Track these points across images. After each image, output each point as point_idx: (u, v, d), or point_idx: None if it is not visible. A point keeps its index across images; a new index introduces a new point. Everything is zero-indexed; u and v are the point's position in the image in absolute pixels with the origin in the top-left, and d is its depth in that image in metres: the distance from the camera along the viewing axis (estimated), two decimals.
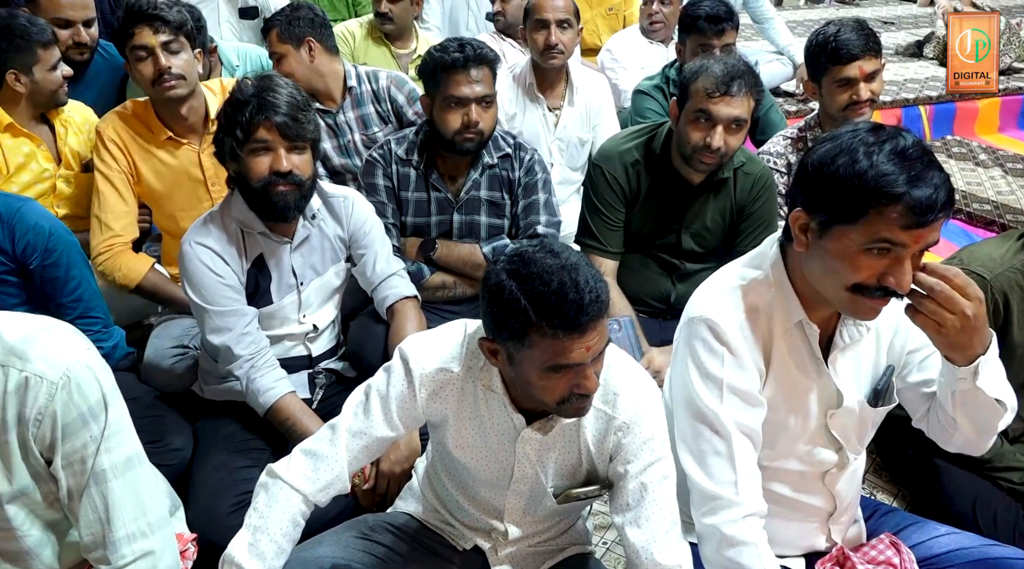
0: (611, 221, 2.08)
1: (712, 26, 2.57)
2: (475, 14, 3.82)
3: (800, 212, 1.14)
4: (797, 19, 5.59)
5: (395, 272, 1.89)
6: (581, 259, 1.13)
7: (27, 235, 1.69)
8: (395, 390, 1.26)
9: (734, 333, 1.20)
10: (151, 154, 2.14)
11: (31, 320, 1.14)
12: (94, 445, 1.12)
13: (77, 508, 1.14)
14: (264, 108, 1.57)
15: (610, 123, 2.78)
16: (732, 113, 1.85)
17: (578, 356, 1.11)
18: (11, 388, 1.07)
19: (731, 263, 1.31)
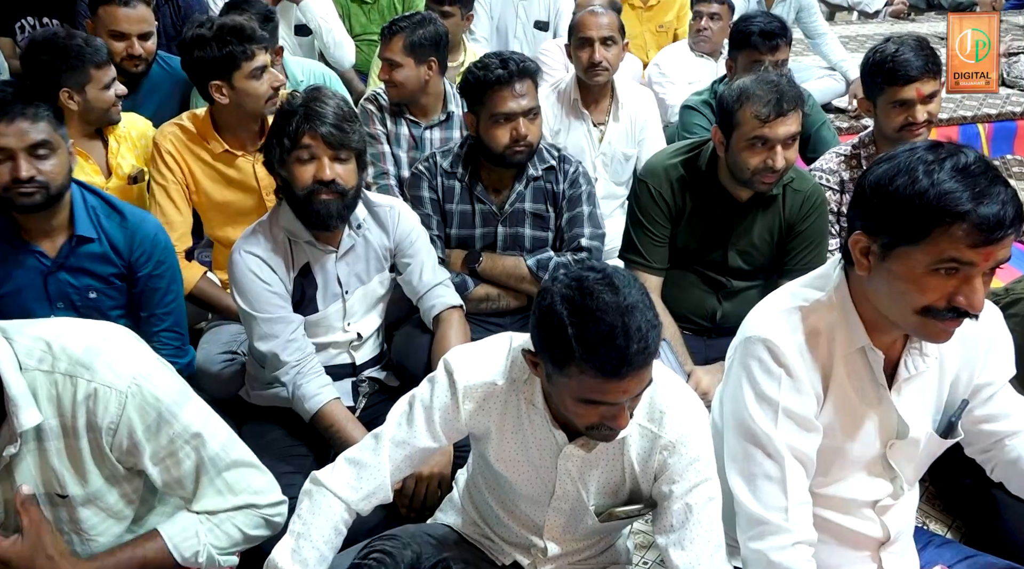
0: (656, 237, 2.06)
1: (766, 42, 2.54)
2: (523, 23, 3.83)
3: (860, 235, 1.11)
4: (850, 34, 5.48)
5: (441, 281, 1.92)
6: (641, 299, 1.09)
7: (144, 244, 1.79)
8: (438, 401, 1.27)
9: (793, 355, 1.17)
10: (208, 165, 2.21)
11: (91, 329, 1.19)
12: (182, 440, 1.18)
13: (191, 494, 1.22)
14: (310, 118, 1.61)
15: (656, 138, 2.77)
16: (788, 131, 1.83)
17: (613, 397, 1.10)
18: (80, 398, 1.12)
19: (792, 282, 1.29)
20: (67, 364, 1.12)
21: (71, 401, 1.12)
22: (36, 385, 1.11)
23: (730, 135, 1.87)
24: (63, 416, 1.13)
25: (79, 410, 1.12)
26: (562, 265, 2.10)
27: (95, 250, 1.75)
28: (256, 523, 1.26)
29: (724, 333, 2.11)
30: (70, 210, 1.72)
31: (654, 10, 3.88)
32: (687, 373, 1.95)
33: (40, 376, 1.11)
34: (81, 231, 1.72)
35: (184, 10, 3.19)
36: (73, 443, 1.15)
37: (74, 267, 1.74)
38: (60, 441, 1.14)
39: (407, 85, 2.47)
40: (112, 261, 1.77)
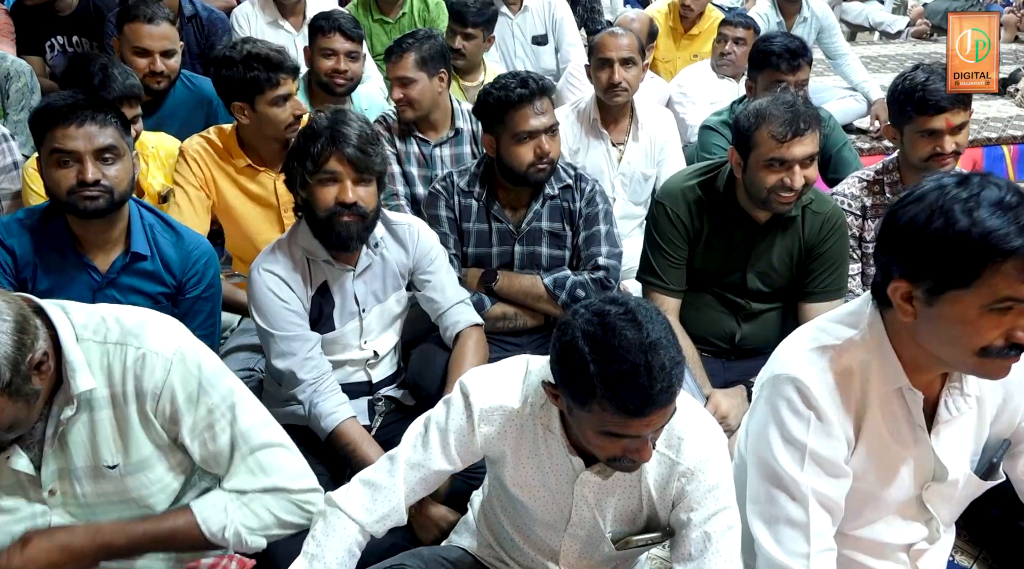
0: (674, 259, 2.04)
1: (787, 62, 2.53)
2: (521, 41, 3.83)
3: (900, 281, 1.07)
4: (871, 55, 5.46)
5: (463, 300, 1.93)
6: (664, 335, 1.07)
7: (198, 265, 1.81)
8: (454, 423, 1.26)
9: (824, 397, 1.14)
10: (230, 178, 2.24)
11: (143, 309, 1.30)
12: (219, 412, 1.23)
13: (225, 472, 1.25)
14: (336, 140, 1.62)
15: (675, 159, 2.76)
16: (806, 151, 1.82)
17: (636, 431, 1.08)
18: (129, 363, 1.19)
19: (821, 318, 1.25)
20: (118, 333, 1.20)
21: (121, 368, 1.19)
22: (90, 356, 1.18)
23: (747, 156, 1.86)
24: (113, 385, 1.19)
25: (128, 376, 1.19)
26: (579, 284, 2.09)
27: (147, 268, 1.76)
28: (288, 508, 1.27)
29: (743, 355, 2.09)
30: (127, 225, 1.73)
31: (694, 39, 3.87)
32: (706, 396, 1.93)
33: (94, 347, 1.18)
34: (136, 247, 1.73)
35: (208, 29, 3.24)
36: (122, 412, 1.20)
37: (124, 284, 1.75)
38: (110, 410, 1.20)
39: (423, 100, 2.49)
40: (163, 280, 1.78)
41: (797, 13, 3.85)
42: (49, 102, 1.65)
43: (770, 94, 1.95)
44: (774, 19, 3.83)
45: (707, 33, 3.84)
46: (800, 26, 3.87)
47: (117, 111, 1.68)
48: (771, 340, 2.10)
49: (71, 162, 1.60)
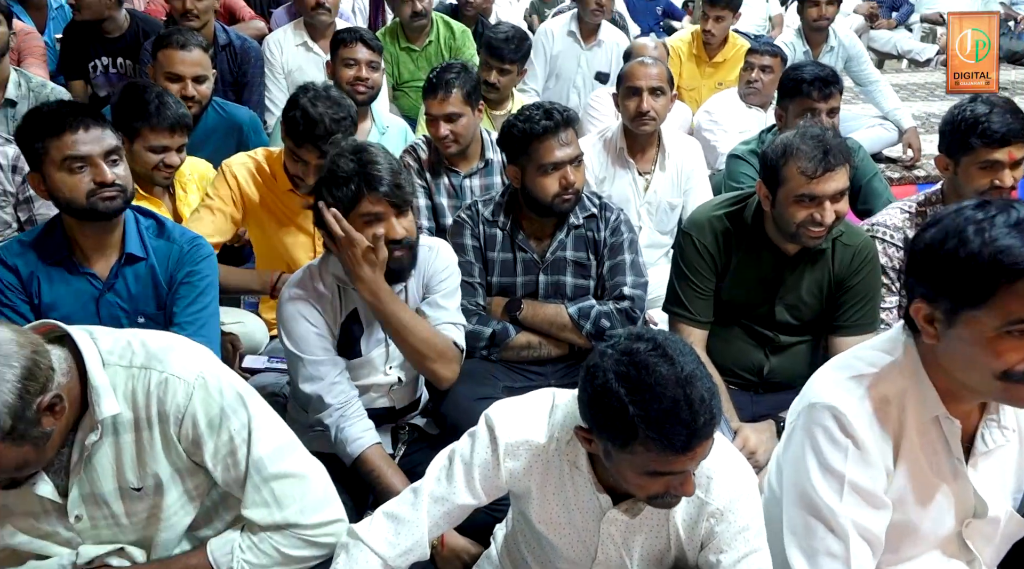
0: (701, 290, 2.02)
1: (818, 89, 2.49)
2: (584, 73, 3.86)
3: (920, 303, 1.07)
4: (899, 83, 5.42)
5: (453, 323, 1.85)
6: (697, 366, 1.06)
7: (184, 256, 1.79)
8: (479, 457, 1.24)
9: (861, 425, 1.12)
10: (270, 200, 2.25)
11: (170, 334, 1.33)
12: (240, 439, 1.23)
13: (243, 496, 1.25)
14: (369, 183, 1.61)
15: (702, 188, 2.74)
16: (837, 187, 1.79)
17: (681, 467, 1.07)
18: (152, 388, 1.19)
19: (858, 346, 1.24)
20: (143, 358, 1.20)
21: (145, 392, 1.19)
22: (115, 380, 1.18)
23: (775, 190, 1.83)
24: (137, 409, 1.20)
25: (151, 400, 1.19)
26: (604, 314, 2.07)
27: (143, 270, 1.77)
28: (297, 545, 1.26)
29: (772, 388, 2.05)
30: (123, 229, 1.75)
31: (719, 67, 3.88)
32: (733, 431, 1.89)
33: (120, 371, 1.19)
34: (130, 249, 1.74)
35: (241, 57, 3.31)
36: (145, 435, 1.21)
37: (124, 289, 1.76)
38: (133, 433, 1.20)
39: (467, 134, 2.51)
40: (159, 281, 1.78)
41: (824, 42, 3.84)
42: (41, 112, 1.67)
43: (800, 123, 1.92)
44: (800, 48, 3.83)
45: (732, 61, 3.84)
46: (827, 55, 3.86)
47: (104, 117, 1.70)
48: (800, 373, 2.06)
49: (85, 166, 1.62)
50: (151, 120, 2.15)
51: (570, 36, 3.83)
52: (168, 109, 2.17)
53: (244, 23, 3.93)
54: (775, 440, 1.85)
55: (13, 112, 2.81)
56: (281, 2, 4.33)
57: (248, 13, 4.06)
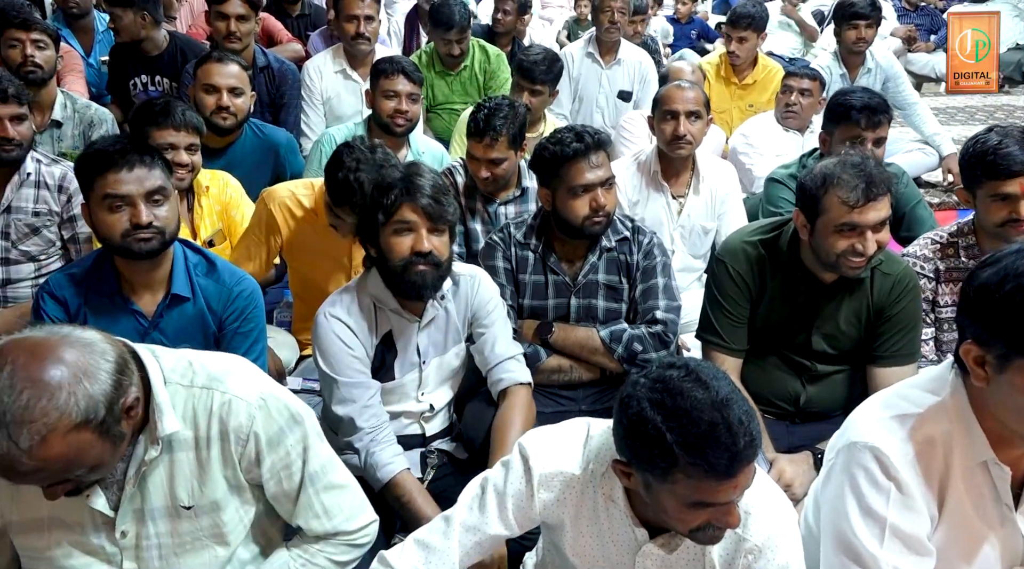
0: (735, 317, 1.98)
1: (866, 117, 2.42)
2: (607, 92, 3.88)
3: (971, 344, 1.04)
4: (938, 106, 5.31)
5: (513, 356, 1.89)
6: (733, 391, 1.05)
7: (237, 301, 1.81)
8: (512, 488, 1.23)
9: (905, 468, 1.08)
10: (309, 233, 2.26)
11: (228, 355, 1.34)
12: (295, 453, 1.28)
13: (292, 509, 1.31)
14: (410, 190, 1.64)
15: (736, 212, 2.72)
16: (879, 217, 1.75)
17: (725, 496, 1.04)
18: (215, 408, 1.22)
19: (902, 383, 1.20)
20: (205, 378, 1.23)
21: (207, 412, 1.22)
22: (175, 398, 1.21)
23: (814, 220, 1.79)
24: (197, 427, 1.22)
25: (213, 419, 1.22)
26: (636, 338, 2.05)
27: (189, 310, 1.77)
28: (345, 550, 1.35)
29: (808, 418, 2.00)
30: (171, 266, 1.76)
31: (748, 89, 3.87)
32: (769, 462, 1.85)
33: (180, 390, 1.21)
34: (176, 289, 1.75)
35: (279, 79, 3.38)
36: (203, 454, 1.23)
37: (169, 328, 1.77)
38: (192, 452, 1.23)
39: (507, 175, 2.53)
40: (207, 321, 1.79)
41: (860, 65, 3.80)
42: (96, 148, 1.69)
43: (841, 151, 1.89)
44: (837, 71, 3.79)
45: (762, 83, 3.83)
46: (864, 77, 3.81)
47: (160, 155, 1.73)
48: (838, 403, 2.03)
49: (123, 206, 1.64)
50: (156, 119, 2.20)
51: (588, 57, 3.86)
52: (174, 110, 2.22)
53: (282, 46, 4.01)
54: (813, 472, 1.81)
55: (59, 133, 2.89)
56: (318, 25, 4.41)
57: (286, 36, 4.14)
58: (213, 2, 3.25)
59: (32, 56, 2.79)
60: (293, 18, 4.54)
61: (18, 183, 2.33)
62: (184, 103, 2.32)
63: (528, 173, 2.59)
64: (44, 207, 2.37)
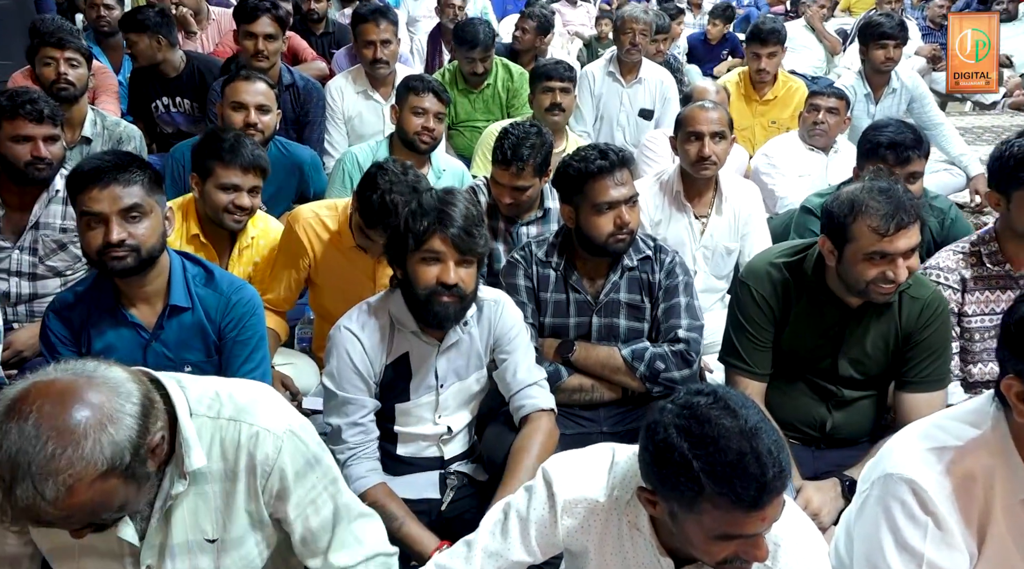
0: (758, 341, 1.95)
1: (895, 154, 2.36)
2: (628, 111, 3.88)
3: (1013, 379, 1.02)
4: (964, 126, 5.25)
5: (535, 382, 1.87)
6: (762, 420, 1.03)
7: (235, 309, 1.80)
8: (535, 513, 1.21)
9: (943, 502, 1.06)
10: (333, 254, 2.27)
11: (249, 384, 1.32)
12: (321, 486, 1.28)
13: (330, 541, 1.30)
14: (441, 220, 1.64)
15: (760, 233, 2.69)
16: (909, 244, 1.71)
17: (752, 528, 1.02)
18: (243, 441, 1.21)
19: (940, 414, 1.18)
20: (232, 410, 1.22)
21: (235, 444, 1.21)
22: (202, 431, 1.20)
23: (843, 247, 1.76)
24: (226, 460, 1.21)
25: (241, 452, 1.21)
26: (659, 356, 2.03)
27: (188, 320, 1.77)
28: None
29: (834, 444, 1.97)
30: (168, 277, 1.75)
31: (770, 105, 3.85)
32: (796, 489, 1.81)
33: (207, 422, 1.20)
34: (174, 300, 1.74)
35: (304, 97, 3.41)
36: (231, 486, 1.22)
37: (170, 339, 1.77)
38: (220, 484, 1.22)
39: (531, 201, 2.54)
40: (207, 330, 1.79)
41: (885, 85, 3.77)
42: (78, 166, 1.70)
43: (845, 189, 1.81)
44: (861, 91, 3.76)
45: (783, 99, 3.81)
46: (888, 97, 3.78)
47: (147, 168, 1.70)
48: (864, 429, 2.00)
49: (98, 223, 1.63)
50: (224, 157, 2.17)
51: (609, 76, 3.87)
52: (243, 148, 2.19)
53: (306, 64, 4.06)
54: (840, 500, 1.77)
55: (88, 150, 2.93)
56: (342, 44, 4.46)
57: (311, 54, 4.20)
58: (242, 21, 3.29)
59: (65, 74, 2.84)
60: (317, 36, 4.61)
61: (47, 200, 2.37)
62: (249, 140, 2.28)
63: (551, 194, 2.59)
64: (71, 223, 2.40)
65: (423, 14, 5.73)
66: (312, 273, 2.31)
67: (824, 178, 3.23)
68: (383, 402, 1.78)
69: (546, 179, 2.53)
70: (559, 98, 3.20)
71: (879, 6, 6.11)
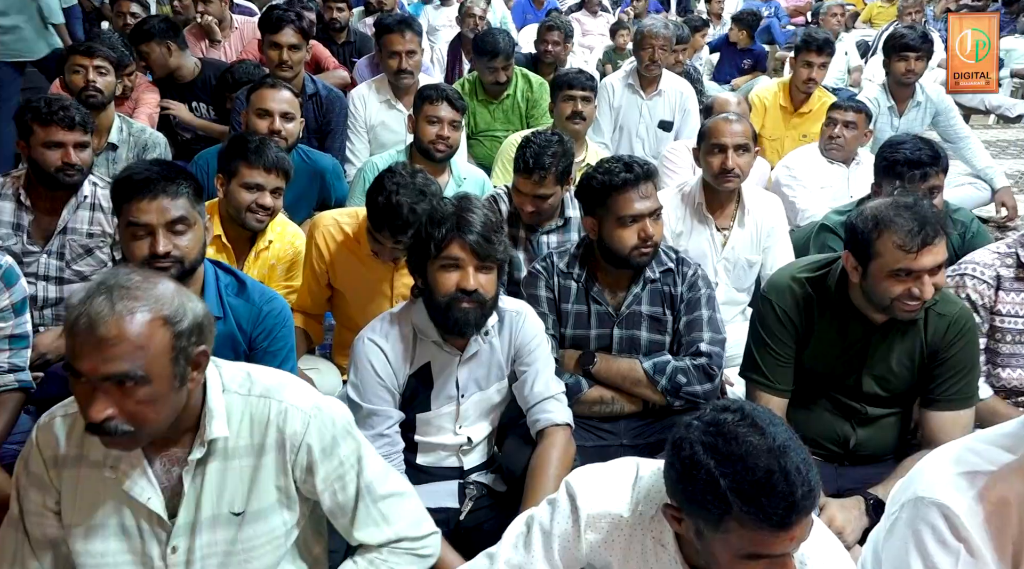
0: (780, 357, 1.92)
1: (912, 171, 2.35)
2: (647, 122, 3.88)
3: None
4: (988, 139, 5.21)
5: (553, 395, 1.85)
6: (790, 438, 1.02)
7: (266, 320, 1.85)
8: (559, 527, 1.21)
9: (976, 529, 1.04)
10: (352, 261, 2.29)
11: (281, 371, 1.40)
12: (348, 464, 1.31)
13: (350, 523, 1.33)
14: (460, 226, 1.64)
15: (782, 246, 2.67)
16: (935, 261, 1.69)
17: (781, 548, 1.01)
18: (272, 416, 1.27)
19: (973, 437, 1.16)
20: (262, 388, 1.29)
21: (264, 420, 1.27)
22: (232, 407, 1.26)
23: (867, 263, 1.73)
24: (254, 435, 1.27)
25: (271, 428, 1.27)
26: (680, 370, 2.02)
27: (220, 329, 1.78)
28: (410, 561, 1.37)
29: (858, 461, 1.94)
30: (201, 288, 1.79)
31: (804, 118, 3.81)
32: (819, 506, 1.79)
33: (237, 399, 1.27)
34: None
35: (326, 106, 3.44)
36: (258, 461, 1.27)
37: None
38: (248, 459, 1.27)
39: (552, 209, 2.54)
40: (237, 340, 1.82)
41: (909, 98, 3.74)
42: (126, 175, 1.73)
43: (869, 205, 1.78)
44: (885, 103, 3.74)
45: (817, 113, 3.77)
46: (913, 110, 3.75)
47: (191, 180, 1.74)
48: (889, 447, 1.96)
49: (144, 234, 1.67)
50: (249, 156, 2.21)
51: (629, 88, 3.87)
52: (268, 150, 2.23)
53: (328, 73, 4.09)
54: (864, 518, 1.74)
55: (114, 156, 2.97)
56: (363, 53, 4.50)
57: (333, 63, 4.23)
58: (267, 31, 3.33)
59: (94, 81, 2.89)
60: (339, 45, 4.65)
61: (75, 205, 2.40)
62: (274, 143, 2.32)
63: (571, 203, 2.58)
64: (98, 229, 2.43)
65: (443, 24, 5.77)
66: (332, 279, 2.32)
67: (846, 190, 3.20)
68: (404, 411, 1.79)
69: (567, 187, 2.53)
70: (580, 107, 3.20)
71: (901, 18, 6.08)
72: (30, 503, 1.25)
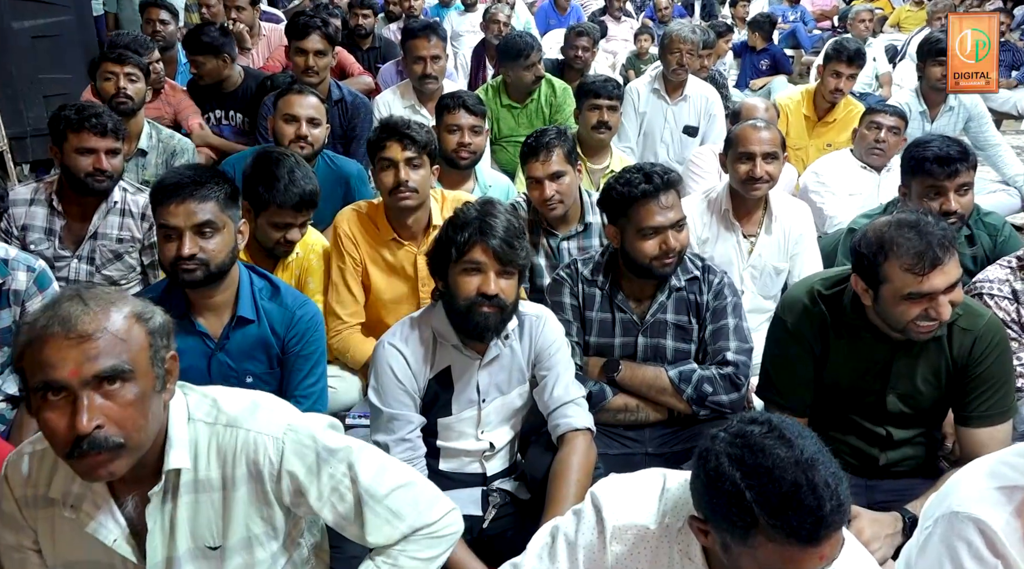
0: (796, 376, 1.86)
1: (942, 168, 2.27)
2: (672, 127, 3.86)
3: None
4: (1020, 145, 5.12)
5: (573, 399, 1.83)
6: (819, 451, 0.99)
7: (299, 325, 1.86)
8: (584, 538, 1.19)
9: (1015, 545, 1.02)
10: (376, 250, 2.34)
11: (246, 392, 1.30)
12: (340, 474, 1.26)
13: (360, 530, 1.28)
14: (483, 231, 1.64)
15: (810, 254, 2.63)
16: (949, 280, 1.60)
17: (809, 565, 0.98)
18: (239, 447, 1.21)
19: (1008, 451, 1.13)
20: (227, 417, 1.22)
21: (232, 451, 1.21)
22: (198, 436, 1.21)
23: (877, 287, 1.66)
24: (224, 466, 1.21)
25: (239, 460, 1.21)
26: (706, 379, 2.00)
27: (253, 332, 1.82)
28: (430, 544, 1.32)
29: (888, 475, 1.87)
30: (236, 291, 1.81)
31: (829, 126, 3.76)
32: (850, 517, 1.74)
33: (203, 428, 1.21)
34: (241, 312, 1.80)
35: (351, 112, 3.46)
36: (231, 494, 1.22)
37: (235, 350, 1.82)
38: (218, 493, 1.21)
39: (571, 194, 2.52)
40: (270, 343, 1.84)
41: (942, 102, 3.67)
42: (161, 179, 1.77)
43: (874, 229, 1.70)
44: (917, 108, 3.68)
45: (842, 122, 3.71)
46: (945, 115, 3.69)
47: (225, 184, 1.75)
48: (920, 462, 1.89)
49: (173, 237, 1.71)
50: (278, 198, 2.15)
51: (654, 93, 3.84)
52: (296, 186, 2.16)
53: (353, 78, 4.12)
54: (898, 537, 1.67)
55: (143, 161, 3.02)
56: (388, 58, 4.53)
57: (357, 69, 4.26)
58: (293, 38, 3.36)
59: (124, 88, 2.94)
60: (364, 51, 4.69)
61: (105, 211, 2.44)
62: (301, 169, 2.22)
63: (592, 208, 2.57)
64: (127, 234, 2.47)
65: (466, 29, 5.78)
66: (363, 265, 2.35)
67: (876, 197, 3.14)
68: (426, 417, 1.78)
69: (580, 175, 2.51)
70: (606, 116, 3.19)
71: (931, 22, 5.99)
72: (5, 543, 1.23)
